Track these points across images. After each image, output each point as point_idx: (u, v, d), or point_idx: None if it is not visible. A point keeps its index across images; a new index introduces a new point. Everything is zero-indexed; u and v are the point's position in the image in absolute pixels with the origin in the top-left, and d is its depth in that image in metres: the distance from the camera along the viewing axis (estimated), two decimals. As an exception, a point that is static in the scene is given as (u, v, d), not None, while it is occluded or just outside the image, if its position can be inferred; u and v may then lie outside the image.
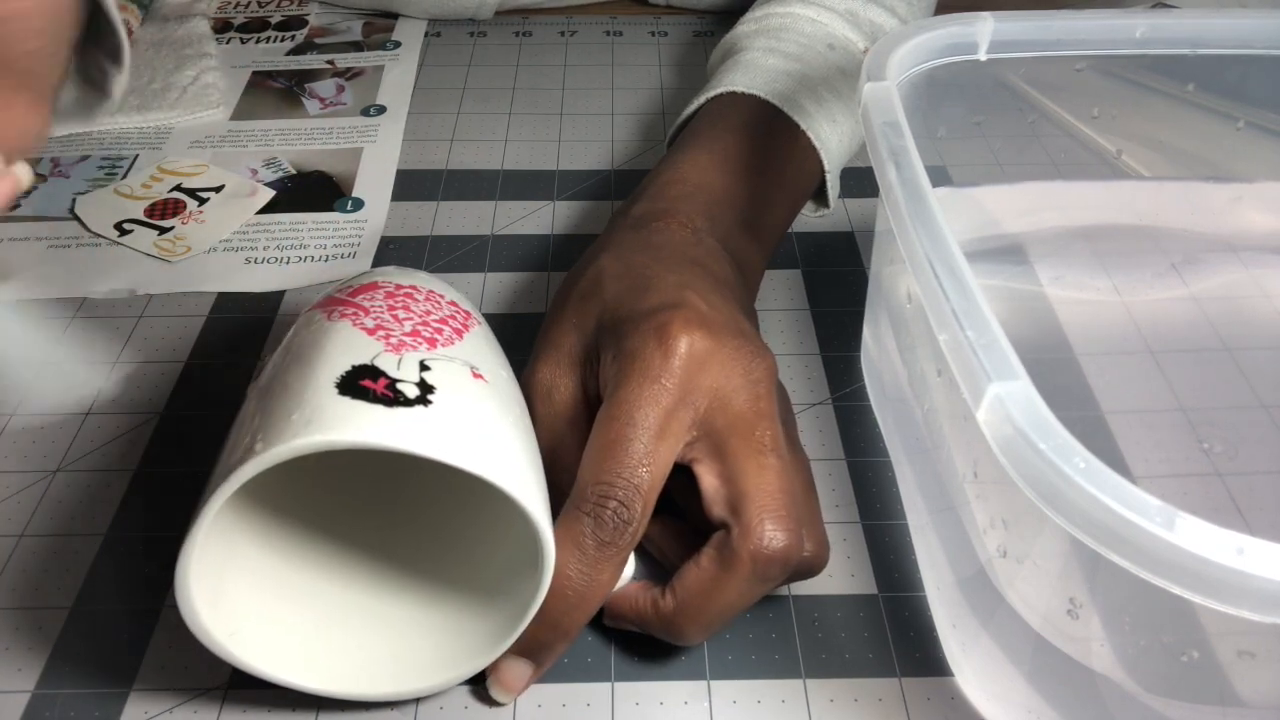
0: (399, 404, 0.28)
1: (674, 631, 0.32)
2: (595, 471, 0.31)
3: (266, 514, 0.34)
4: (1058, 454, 0.23)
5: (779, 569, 0.31)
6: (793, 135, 0.46)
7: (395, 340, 0.30)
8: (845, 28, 0.51)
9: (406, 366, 0.29)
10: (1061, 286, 0.47)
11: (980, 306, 0.26)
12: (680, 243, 0.38)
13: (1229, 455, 0.40)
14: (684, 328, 0.32)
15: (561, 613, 0.31)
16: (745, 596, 0.32)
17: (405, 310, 0.32)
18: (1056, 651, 0.29)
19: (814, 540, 0.33)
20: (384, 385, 0.28)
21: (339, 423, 0.27)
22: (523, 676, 0.32)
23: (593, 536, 0.31)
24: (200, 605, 0.28)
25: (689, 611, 0.32)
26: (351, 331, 0.31)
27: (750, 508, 0.31)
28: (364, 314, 0.32)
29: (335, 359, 0.29)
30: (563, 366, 0.35)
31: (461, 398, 0.30)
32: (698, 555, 0.32)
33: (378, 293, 0.33)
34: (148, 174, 0.55)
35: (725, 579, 0.31)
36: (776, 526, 0.31)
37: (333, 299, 0.33)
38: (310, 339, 0.31)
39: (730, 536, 0.31)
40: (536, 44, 0.68)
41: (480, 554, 0.34)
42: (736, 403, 0.32)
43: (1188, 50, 0.40)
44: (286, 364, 0.30)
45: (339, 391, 0.28)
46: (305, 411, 0.27)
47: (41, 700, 0.33)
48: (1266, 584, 0.21)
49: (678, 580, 0.32)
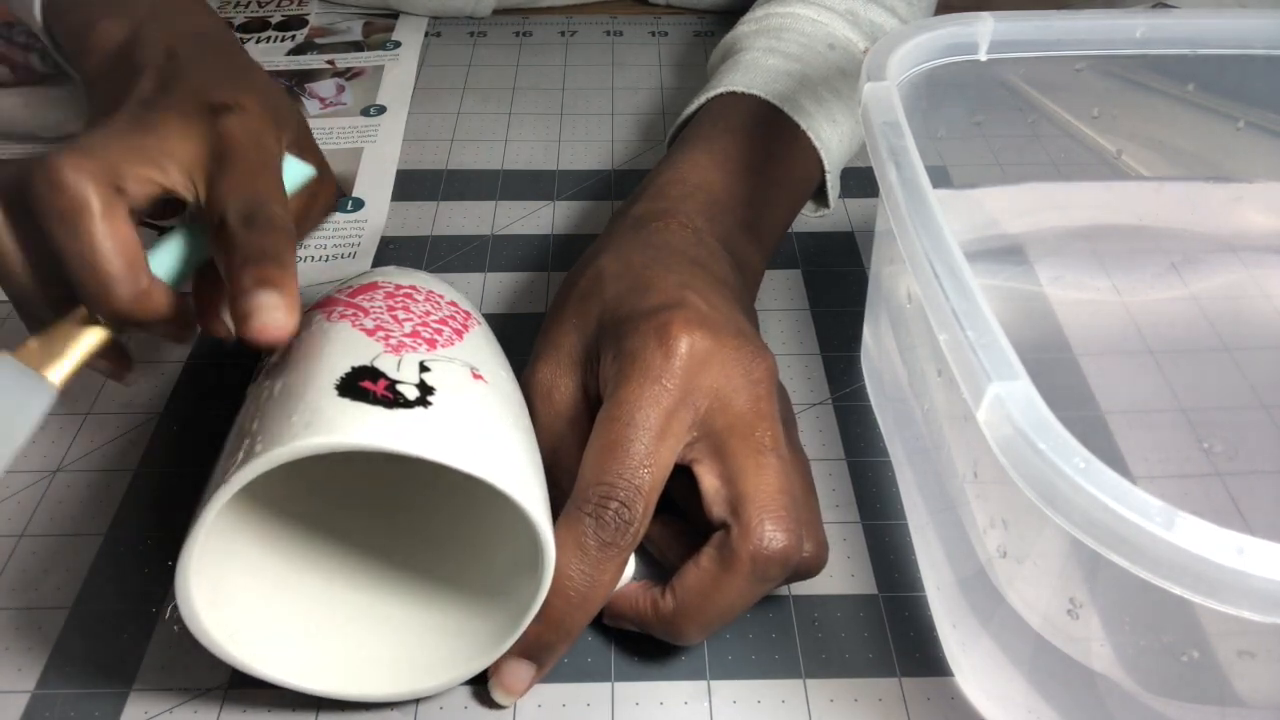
0: (399, 405, 0.28)
1: (674, 631, 0.32)
2: (597, 472, 0.31)
3: (267, 514, 0.33)
4: (1058, 454, 0.23)
5: (778, 569, 0.31)
6: (793, 135, 0.46)
7: (395, 341, 0.30)
8: (846, 28, 0.51)
9: (406, 368, 0.29)
10: (1061, 286, 0.47)
11: (980, 306, 0.26)
12: (681, 243, 0.38)
13: (1229, 455, 0.40)
14: (684, 328, 0.32)
15: (563, 613, 0.31)
16: (745, 596, 0.32)
17: (405, 311, 0.32)
18: (1056, 651, 0.29)
19: (813, 541, 0.33)
20: (384, 386, 0.28)
21: (338, 425, 0.27)
22: (524, 678, 0.32)
23: (594, 537, 0.31)
24: (201, 607, 0.28)
25: (689, 611, 0.32)
26: (351, 332, 0.31)
27: (750, 508, 0.31)
28: (364, 315, 0.32)
29: (335, 360, 0.29)
30: (563, 366, 0.35)
31: (461, 399, 0.29)
32: (698, 555, 0.32)
33: (377, 293, 0.33)
34: (148, 174, 0.54)
35: (725, 579, 0.31)
36: (776, 527, 0.31)
37: (332, 299, 0.33)
38: (310, 340, 0.31)
39: (730, 537, 0.31)
40: (536, 44, 0.68)
41: (481, 554, 0.34)
42: (737, 403, 0.32)
43: (1188, 50, 0.40)
44: (286, 365, 0.30)
45: (339, 393, 0.28)
46: (305, 413, 0.27)
47: (41, 700, 0.33)
48: (1266, 584, 0.21)
49: (678, 580, 0.32)
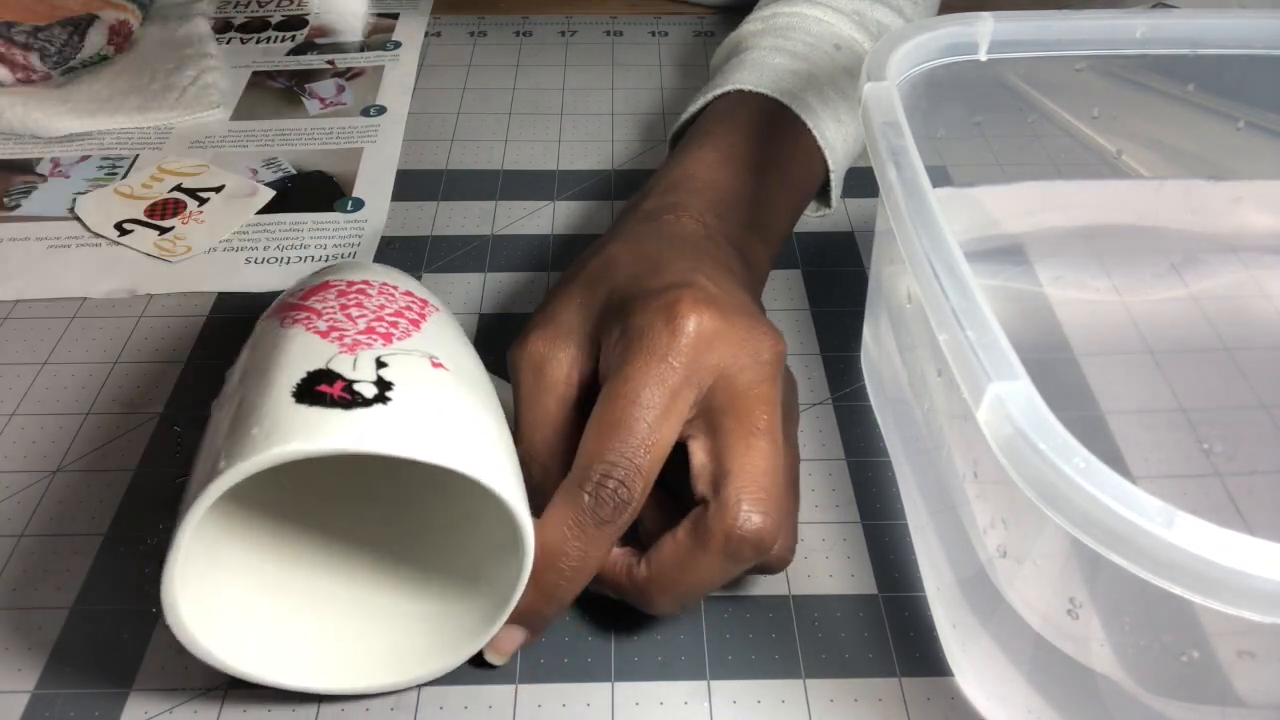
0: (357, 405, 0.28)
1: (645, 601, 0.32)
2: (598, 449, 0.31)
3: (248, 518, 0.33)
4: (1058, 454, 0.23)
5: (751, 550, 0.31)
6: (799, 135, 0.46)
7: (349, 340, 0.30)
8: (852, 28, 0.51)
9: (362, 366, 0.29)
10: (1061, 286, 0.47)
11: (980, 306, 0.26)
12: (692, 235, 0.38)
13: (1229, 455, 0.40)
14: (693, 306, 0.32)
15: (556, 586, 0.31)
16: (716, 573, 0.32)
17: (358, 308, 0.32)
18: (1056, 651, 0.29)
19: (786, 536, 0.33)
20: (340, 388, 0.28)
21: (298, 433, 0.27)
22: (516, 640, 0.33)
23: (592, 515, 0.31)
24: (188, 617, 0.28)
25: (661, 582, 0.32)
26: (305, 337, 0.30)
27: (731, 486, 0.31)
28: (316, 317, 0.31)
29: (291, 367, 0.29)
30: (559, 342, 0.35)
31: (421, 390, 0.29)
32: (675, 528, 0.32)
33: (329, 293, 0.33)
34: (148, 174, 0.55)
35: (698, 554, 0.31)
36: (754, 508, 0.31)
37: (285, 304, 0.33)
38: (265, 349, 0.31)
39: (708, 513, 0.31)
40: (536, 44, 0.68)
41: (464, 539, 0.34)
42: (740, 383, 0.32)
43: (1188, 50, 0.40)
44: (245, 377, 0.30)
45: (296, 400, 0.28)
46: (265, 425, 0.27)
47: (41, 700, 0.33)
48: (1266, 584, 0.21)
49: (654, 551, 0.32)
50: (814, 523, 0.38)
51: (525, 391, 0.35)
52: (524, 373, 0.35)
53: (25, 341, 0.45)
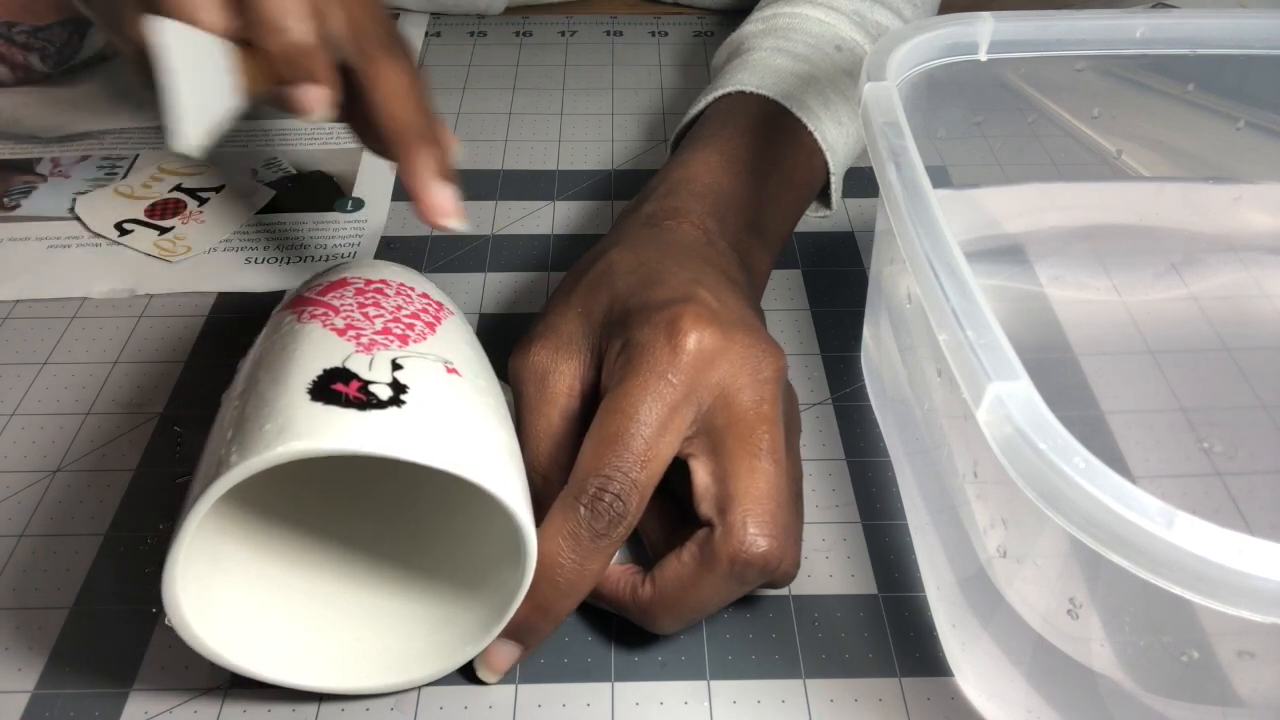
0: (371, 407, 0.28)
1: (648, 620, 0.33)
2: (595, 463, 0.31)
3: (252, 516, 0.33)
4: (1058, 454, 0.23)
5: (756, 573, 0.31)
6: (800, 137, 0.46)
7: (366, 340, 0.30)
8: (852, 30, 0.51)
9: (378, 367, 0.29)
10: (1061, 286, 0.47)
11: (980, 306, 0.26)
12: (693, 242, 0.38)
13: (1229, 455, 0.40)
14: (694, 323, 0.32)
15: (551, 599, 0.31)
16: (721, 595, 0.32)
17: (376, 307, 0.32)
18: (1056, 651, 0.29)
19: (790, 555, 0.33)
20: (356, 388, 0.28)
21: (312, 431, 0.27)
22: (510, 657, 0.32)
23: (587, 528, 0.31)
24: (190, 615, 0.28)
25: (665, 602, 0.32)
26: (322, 333, 0.30)
27: (736, 510, 0.31)
28: (334, 314, 0.31)
29: (307, 363, 0.29)
30: (561, 351, 0.35)
31: (435, 395, 0.29)
32: (680, 549, 0.32)
33: (347, 290, 0.33)
34: (148, 174, 0.55)
35: (703, 576, 0.31)
36: (759, 532, 0.31)
37: (302, 299, 0.33)
38: (281, 343, 0.31)
39: (713, 536, 0.31)
40: (536, 44, 0.68)
41: (466, 545, 0.34)
42: (740, 402, 0.32)
43: (1188, 50, 0.40)
44: (259, 370, 0.30)
45: (311, 398, 0.28)
46: (278, 420, 0.27)
47: (41, 700, 0.33)
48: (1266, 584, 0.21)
49: (658, 570, 0.32)
50: (814, 523, 0.38)
51: (528, 402, 0.35)
52: (527, 384, 0.35)
53: (25, 341, 0.45)
